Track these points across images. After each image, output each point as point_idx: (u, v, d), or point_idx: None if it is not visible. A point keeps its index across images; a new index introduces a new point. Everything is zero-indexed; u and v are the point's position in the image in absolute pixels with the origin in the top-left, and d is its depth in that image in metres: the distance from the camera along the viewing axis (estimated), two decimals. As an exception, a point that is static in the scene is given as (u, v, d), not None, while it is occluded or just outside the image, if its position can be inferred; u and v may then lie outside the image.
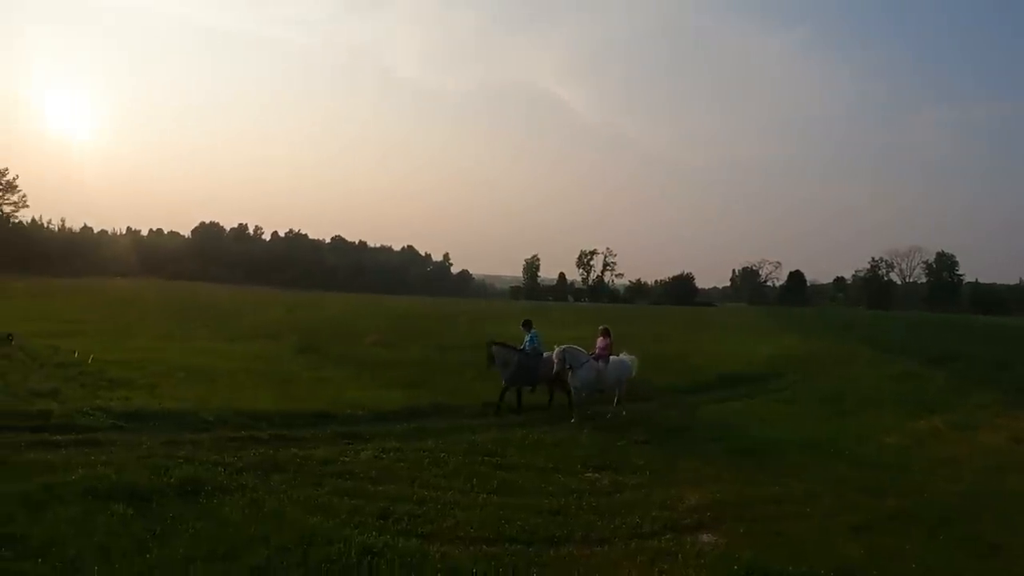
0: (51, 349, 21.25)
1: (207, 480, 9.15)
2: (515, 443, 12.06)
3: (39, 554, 6.63)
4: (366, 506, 8.47)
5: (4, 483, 8.52)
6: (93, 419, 12.51)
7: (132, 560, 6.67)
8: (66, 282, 71.29)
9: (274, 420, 13.23)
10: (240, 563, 6.63)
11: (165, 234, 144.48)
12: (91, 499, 8.17)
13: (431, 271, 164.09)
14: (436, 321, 41.41)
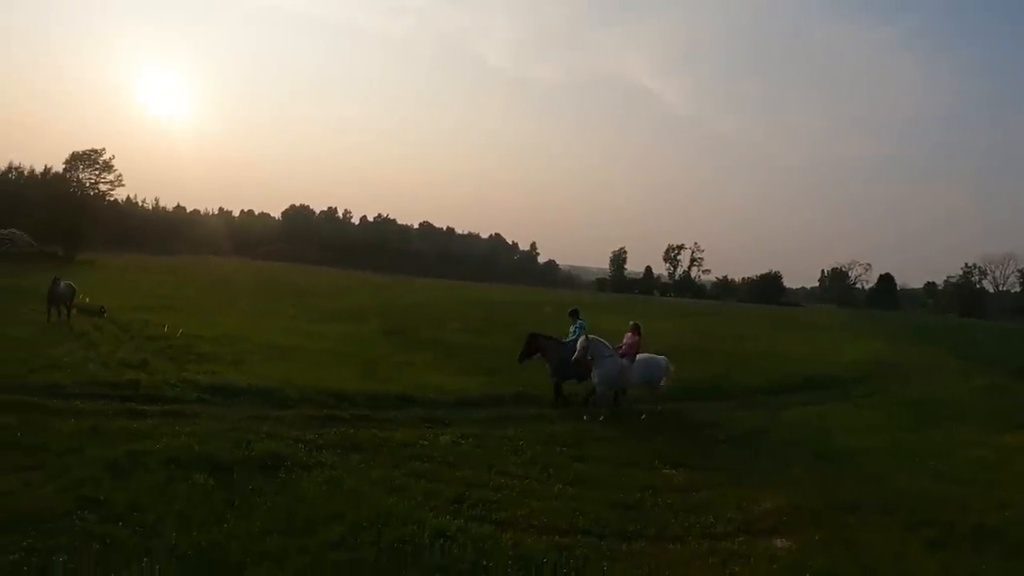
0: (142, 323, 23.82)
1: (287, 456, 9.95)
2: (593, 435, 12.78)
3: (121, 518, 7.43)
4: (442, 490, 9.10)
5: (92, 449, 9.60)
6: (180, 391, 13.92)
7: (210, 529, 7.31)
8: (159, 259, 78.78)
9: (356, 401, 14.24)
10: (316, 538, 7.26)
11: (256, 215, 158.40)
12: (174, 468, 9.07)
13: (518, 260, 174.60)
14: (521, 310, 43.53)
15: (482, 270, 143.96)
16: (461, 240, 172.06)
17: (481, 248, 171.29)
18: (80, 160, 72.38)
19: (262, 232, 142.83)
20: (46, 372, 14.36)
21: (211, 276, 57.83)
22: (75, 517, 7.31)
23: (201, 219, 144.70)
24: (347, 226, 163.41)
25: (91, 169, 72.79)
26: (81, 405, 12.19)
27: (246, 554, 6.79)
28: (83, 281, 30.06)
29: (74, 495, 7.88)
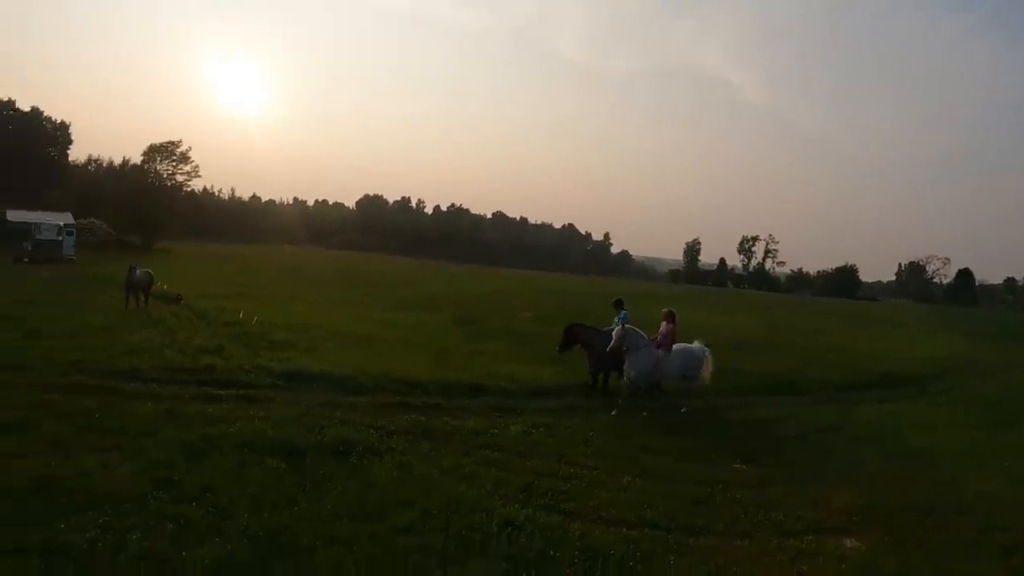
0: (218, 310, 25.04)
1: (359, 442, 10.36)
2: (664, 428, 13.10)
3: (195, 499, 7.87)
4: (511, 479, 9.46)
5: (168, 432, 10.19)
6: (254, 377, 14.65)
7: (281, 512, 7.67)
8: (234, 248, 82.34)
9: (428, 389, 14.76)
10: (385, 524, 7.59)
11: (330, 205, 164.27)
12: (247, 452, 9.56)
13: (591, 250, 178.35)
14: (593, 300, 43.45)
15: (554, 260, 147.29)
16: (534, 230, 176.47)
17: (554, 238, 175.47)
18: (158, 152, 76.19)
19: (336, 221, 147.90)
20: (124, 357, 15.31)
21: (286, 264, 60.03)
22: (150, 498, 7.76)
23: (276, 208, 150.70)
24: (420, 216, 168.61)
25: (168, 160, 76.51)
26: (158, 389, 12.94)
27: (316, 537, 7.08)
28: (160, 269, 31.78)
29: (150, 476, 8.38)
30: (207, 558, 6.44)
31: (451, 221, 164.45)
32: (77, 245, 52.09)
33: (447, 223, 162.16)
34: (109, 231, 65.00)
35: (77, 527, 6.84)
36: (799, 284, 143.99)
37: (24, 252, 46.25)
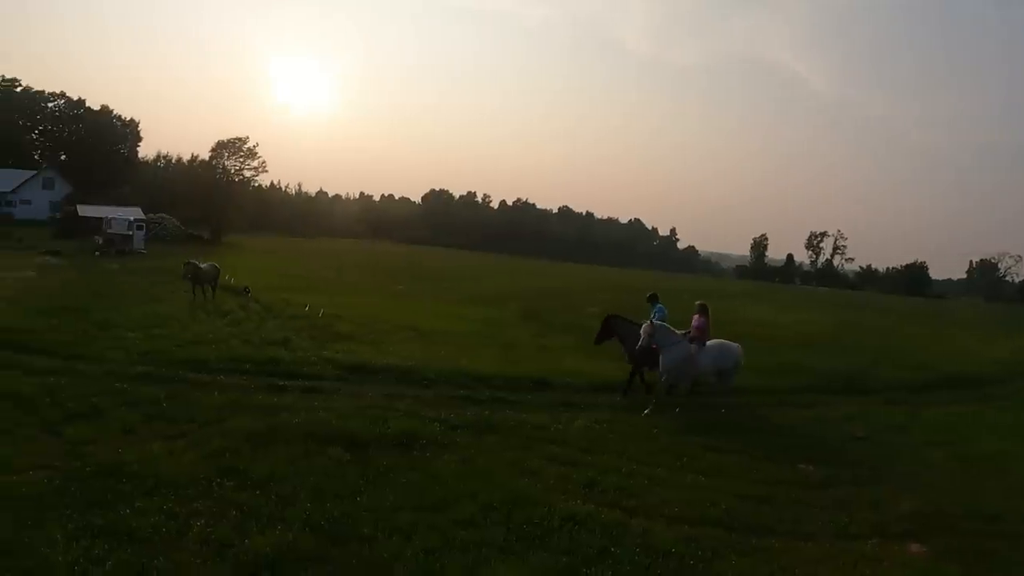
0: (284, 302, 25.69)
1: (423, 434, 10.53)
2: (728, 426, 13.10)
3: (258, 487, 8.10)
4: (573, 474, 9.55)
5: (233, 421, 10.52)
6: (319, 368, 15.04)
7: (343, 502, 7.84)
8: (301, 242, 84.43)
9: (493, 383, 14.89)
10: (446, 516, 7.73)
11: (396, 200, 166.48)
12: (311, 442, 9.79)
13: (657, 245, 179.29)
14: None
15: (621, 256, 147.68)
16: (600, 225, 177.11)
17: (620, 233, 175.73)
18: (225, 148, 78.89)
19: (402, 216, 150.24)
20: (192, 348, 15.87)
21: (352, 258, 61.22)
22: (214, 485, 8.03)
23: (342, 203, 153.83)
24: (486, 210, 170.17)
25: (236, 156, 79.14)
26: (224, 380, 13.39)
27: (377, 528, 7.24)
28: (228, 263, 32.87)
29: (215, 464, 8.66)
30: (269, 545, 6.60)
31: (517, 216, 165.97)
32: (147, 239, 54.21)
33: (513, 218, 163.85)
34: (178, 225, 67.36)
35: (142, 511, 7.10)
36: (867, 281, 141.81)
37: (95, 245, 48.36)
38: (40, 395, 11.00)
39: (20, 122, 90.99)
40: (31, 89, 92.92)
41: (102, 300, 22.93)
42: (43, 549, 6.18)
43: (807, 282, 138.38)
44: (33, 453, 8.63)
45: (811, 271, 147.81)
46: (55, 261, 38.12)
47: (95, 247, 47.90)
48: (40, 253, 40.98)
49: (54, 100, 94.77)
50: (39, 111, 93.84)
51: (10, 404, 10.52)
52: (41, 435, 9.43)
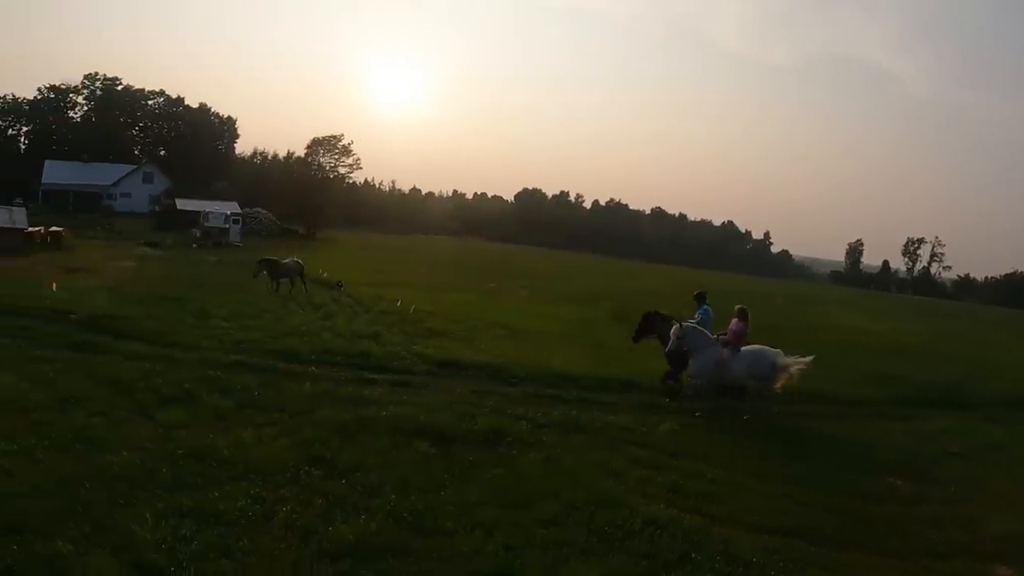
0: (376, 297, 26.42)
1: (509, 432, 10.67)
2: (818, 437, 13.05)
3: (345, 476, 8.34)
4: (657, 477, 9.61)
5: (323, 411, 10.86)
6: (409, 363, 15.41)
7: (427, 495, 7.99)
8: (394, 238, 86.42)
9: (581, 383, 14.97)
10: (528, 514, 7.83)
11: (489, 198, 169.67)
12: (398, 435, 10.03)
13: (750, 248, 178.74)
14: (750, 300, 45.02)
15: (713, 258, 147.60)
16: (693, 227, 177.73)
17: (713, 235, 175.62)
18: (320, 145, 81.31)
19: (494, 214, 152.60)
20: (285, 339, 16.49)
21: (444, 255, 62.23)
22: (302, 472, 8.31)
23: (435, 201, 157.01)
24: (579, 210, 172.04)
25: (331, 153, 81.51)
26: (316, 371, 13.83)
27: (459, 522, 7.37)
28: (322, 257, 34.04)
29: (303, 452, 8.97)
30: (352, 534, 6.77)
31: (609, 216, 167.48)
32: (243, 233, 56.55)
33: (605, 218, 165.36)
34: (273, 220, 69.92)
35: (230, 495, 7.40)
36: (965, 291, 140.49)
37: (193, 238, 50.76)
38: (136, 380, 11.61)
39: (121, 119, 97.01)
40: (132, 88, 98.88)
41: (199, 290, 24.03)
42: (133, 526, 6.49)
43: (903, 290, 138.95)
44: (128, 435, 9.10)
45: (907, 279, 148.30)
46: (154, 252, 40.15)
47: (192, 240, 50.22)
48: (139, 244, 43.29)
49: (154, 98, 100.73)
50: (139, 108, 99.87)
51: (108, 388, 11.15)
52: (136, 418, 9.93)
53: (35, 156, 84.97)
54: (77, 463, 7.96)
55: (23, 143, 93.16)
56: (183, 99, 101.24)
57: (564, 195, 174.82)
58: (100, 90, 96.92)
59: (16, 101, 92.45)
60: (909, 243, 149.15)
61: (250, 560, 6.21)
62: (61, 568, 5.74)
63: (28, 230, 36.18)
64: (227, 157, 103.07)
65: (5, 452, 7.99)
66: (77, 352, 13.55)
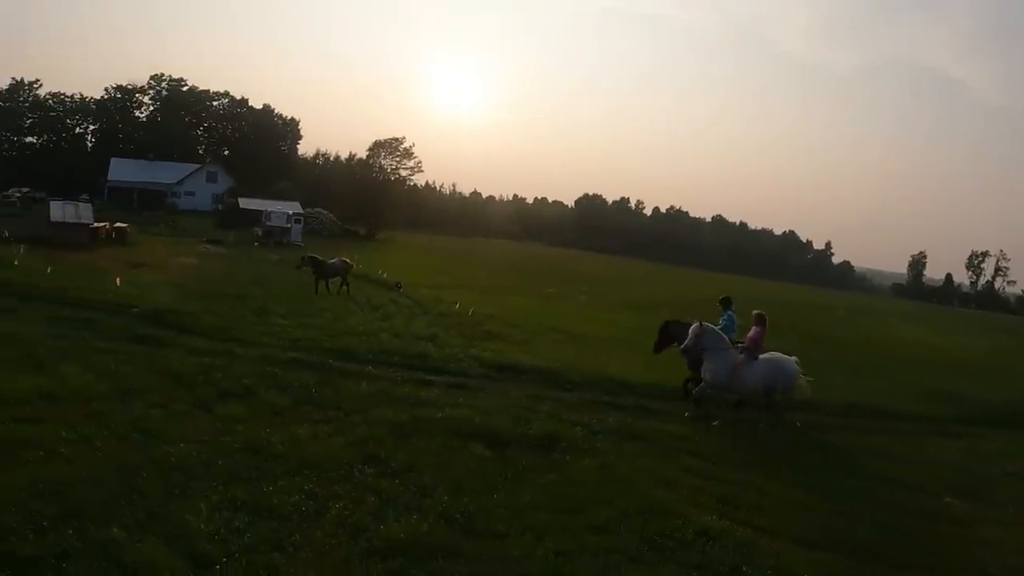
0: (435, 299, 26.67)
1: (564, 437, 10.69)
2: (874, 451, 12.91)
3: (397, 475, 8.41)
4: (710, 488, 9.59)
5: (379, 411, 10.98)
6: (466, 365, 15.51)
7: (480, 497, 8.00)
8: (454, 241, 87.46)
9: (637, 390, 15.04)
10: (581, 519, 7.83)
11: (550, 203, 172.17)
12: (453, 437, 10.09)
13: (811, 259, 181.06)
14: (810, 311, 45.96)
15: (773, 268, 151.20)
16: (753, 236, 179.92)
17: (773, 245, 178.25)
18: (382, 147, 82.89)
19: (555, 219, 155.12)
20: (344, 338, 16.72)
21: (503, 259, 62.63)
22: (356, 470, 8.40)
23: (496, 205, 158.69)
24: (639, 216, 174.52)
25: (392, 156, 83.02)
26: (372, 371, 14.00)
27: (511, 525, 7.39)
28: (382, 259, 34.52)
29: (357, 451, 9.07)
30: (403, 533, 6.81)
31: (669, 223, 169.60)
32: (304, 232, 57.68)
33: (665, 225, 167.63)
34: (334, 221, 71.29)
35: (284, 490, 7.51)
36: None
37: (254, 237, 51.95)
38: (196, 374, 11.89)
39: (186, 119, 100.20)
40: (196, 88, 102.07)
41: (259, 288, 24.65)
42: (187, 516, 6.62)
43: (966, 304, 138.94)
44: (186, 427, 9.31)
45: (970, 293, 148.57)
46: (216, 250, 41.34)
47: (254, 238, 51.43)
48: (202, 242, 44.60)
49: (218, 99, 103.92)
50: (204, 109, 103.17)
51: (168, 380, 11.45)
52: (194, 411, 10.15)
53: (101, 154, 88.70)
54: (135, 453, 8.17)
55: (90, 141, 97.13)
56: (247, 100, 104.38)
57: (624, 201, 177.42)
58: (166, 90, 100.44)
59: (84, 100, 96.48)
60: (973, 256, 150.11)
61: (301, 554, 6.28)
62: (115, 554, 5.88)
63: (93, 225, 37.34)
64: (290, 158, 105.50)
65: (66, 440, 8.24)
66: (139, 345, 13.97)
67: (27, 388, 9.97)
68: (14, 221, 38.82)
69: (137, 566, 5.73)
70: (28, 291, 18.62)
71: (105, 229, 38.19)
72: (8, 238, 29.48)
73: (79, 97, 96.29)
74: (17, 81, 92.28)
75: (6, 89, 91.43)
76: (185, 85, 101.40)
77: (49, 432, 8.43)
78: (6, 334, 13.18)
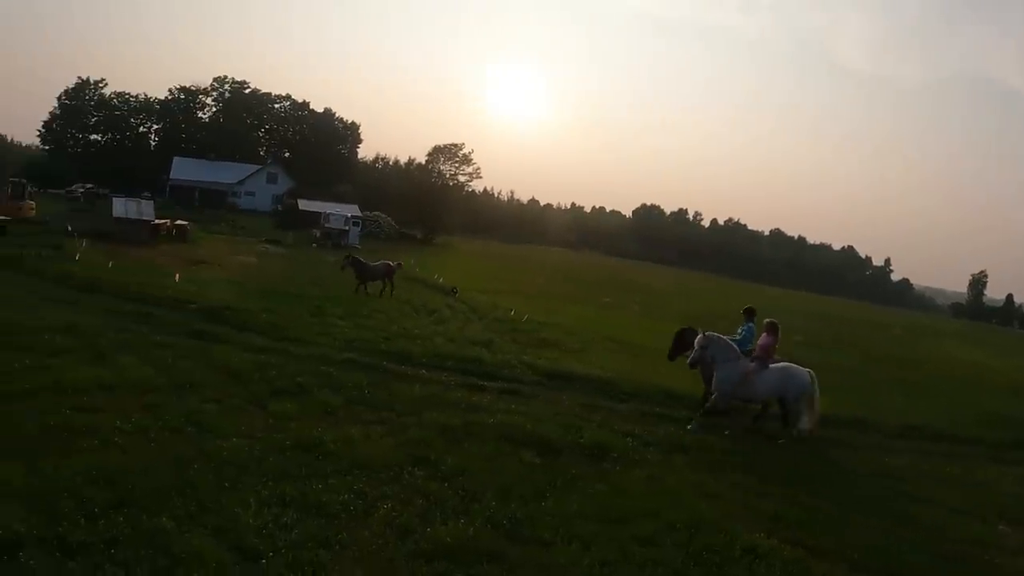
0: (490, 305, 26.78)
1: (614, 447, 10.67)
2: (929, 474, 12.63)
3: (447, 479, 8.45)
4: (760, 504, 9.50)
5: (431, 414, 11.06)
6: (519, 372, 15.55)
7: (528, 504, 8.01)
8: (511, 248, 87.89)
9: (688, 402, 14.80)
10: (627, 530, 7.80)
11: (607, 213, 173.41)
12: (504, 442, 10.14)
13: (869, 275, 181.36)
14: (868, 329, 45.84)
15: (831, 283, 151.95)
16: (812, 250, 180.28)
17: (832, 260, 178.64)
18: (441, 153, 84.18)
19: (612, 229, 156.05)
20: (398, 341, 16.89)
21: (560, 267, 62.63)
22: (405, 472, 8.47)
23: (553, 213, 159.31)
24: (696, 228, 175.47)
25: (451, 161, 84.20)
26: (426, 374, 14.11)
27: (558, 533, 7.39)
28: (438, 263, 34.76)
29: (408, 452, 9.15)
30: (450, 536, 6.82)
31: (727, 235, 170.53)
32: (362, 235, 58.43)
33: (723, 237, 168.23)
34: (392, 224, 72.19)
35: (333, 488, 7.60)
36: None
37: (313, 238, 52.83)
38: (251, 371, 12.14)
39: (248, 120, 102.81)
40: (259, 91, 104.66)
41: (316, 289, 25.05)
42: (236, 510, 6.75)
43: None
44: (239, 422, 9.48)
45: None
46: (274, 250, 42.13)
47: (312, 239, 52.30)
48: (261, 241, 45.52)
49: (280, 102, 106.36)
50: (266, 111, 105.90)
51: (223, 376, 11.71)
52: (248, 407, 10.34)
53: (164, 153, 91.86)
54: (188, 445, 8.35)
55: (153, 140, 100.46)
56: (308, 103, 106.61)
57: (682, 212, 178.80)
58: (228, 92, 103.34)
59: (148, 101, 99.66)
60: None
61: (347, 553, 6.35)
62: (163, 543, 6.01)
63: (155, 222, 38.26)
64: (349, 161, 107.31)
65: (121, 430, 8.49)
66: (196, 340, 14.30)
67: (86, 378, 10.31)
68: (78, 216, 40.08)
69: (185, 555, 5.85)
70: (90, 284, 19.25)
71: (166, 226, 39.20)
72: (72, 232, 30.35)
73: (143, 97, 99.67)
74: (83, 80, 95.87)
75: (73, 88, 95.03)
76: (247, 87, 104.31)
77: (106, 421, 8.70)
78: (68, 325, 13.60)
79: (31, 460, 7.30)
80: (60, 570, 5.57)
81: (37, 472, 7.05)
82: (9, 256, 22.34)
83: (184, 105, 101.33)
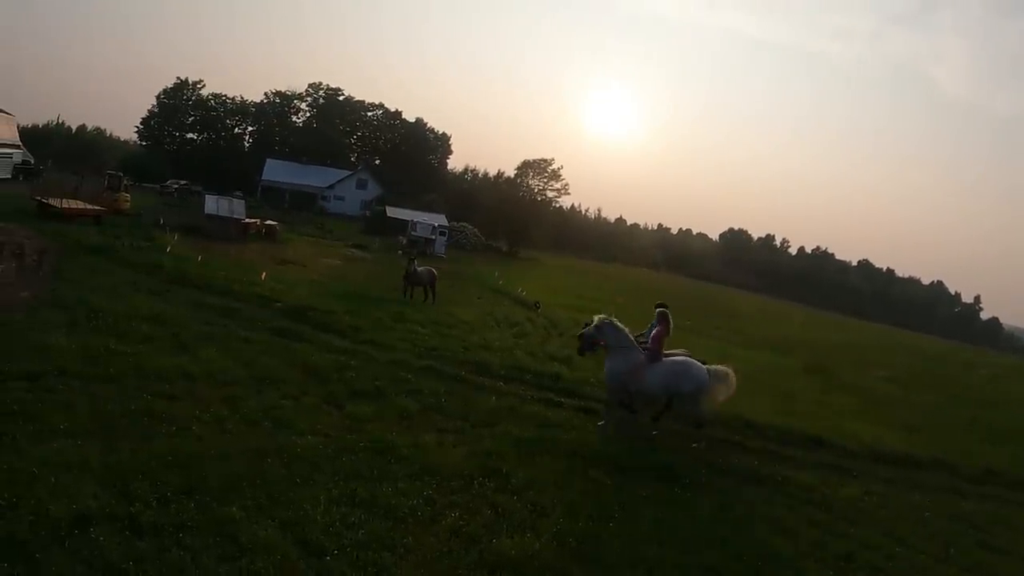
0: (572, 321, 26.43)
1: (686, 473, 10.51)
2: (1008, 522, 12.08)
3: (516, 492, 8.48)
4: (831, 543, 9.30)
5: (505, 426, 11.15)
6: (597, 390, 15.26)
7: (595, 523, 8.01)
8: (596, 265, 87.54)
9: (765, 433, 14.46)
10: (693, 558, 7.79)
11: (693, 235, 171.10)
12: (576, 459, 10.13)
13: (958, 312, 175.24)
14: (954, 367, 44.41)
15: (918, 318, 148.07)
16: (900, 283, 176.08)
17: (920, 294, 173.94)
18: (530, 167, 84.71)
19: (697, 251, 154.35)
20: (478, 352, 16.93)
21: (644, 286, 61.88)
22: (475, 482, 8.54)
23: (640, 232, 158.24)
24: (783, 255, 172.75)
25: (540, 177, 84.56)
26: (503, 386, 14.13)
27: (622, 556, 7.38)
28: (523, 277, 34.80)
29: (480, 463, 9.20)
30: (515, 549, 6.85)
31: (814, 264, 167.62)
32: (448, 245, 59.12)
33: (810, 265, 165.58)
34: (478, 236, 72.83)
35: (403, 492, 7.71)
36: None
37: (399, 245, 53.63)
38: (330, 371, 12.39)
39: (340, 127, 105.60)
40: (352, 98, 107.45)
41: (399, 295, 25.33)
42: (305, 505, 6.91)
43: None
44: (315, 420, 9.71)
45: None
46: (360, 254, 42.85)
47: (398, 247, 53.06)
48: (347, 245, 46.35)
49: (373, 110, 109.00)
50: (358, 118, 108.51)
51: (303, 374, 11.98)
52: (325, 406, 10.56)
53: (257, 154, 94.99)
54: (263, 439, 8.59)
55: (247, 141, 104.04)
56: (400, 112, 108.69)
57: (770, 238, 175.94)
58: (323, 98, 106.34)
59: (244, 103, 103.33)
60: None
61: (411, 557, 6.44)
62: (231, 532, 6.20)
63: (245, 221, 39.35)
64: (439, 171, 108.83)
65: (199, 419, 8.81)
66: (278, 338, 14.63)
67: (169, 366, 10.71)
68: (171, 211, 41.58)
69: (251, 546, 6.04)
70: (179, 277, 19.88)
71: (256, 225, 40.26)
72: (164, 226, 31.52)
73: (240, 100, 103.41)
74: (182, 80, 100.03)
75: (172, 87, 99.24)
76: (341, 94, 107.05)
77: (184, 410, 9.03)
78: (156, 315, 14.14)
79: (109, 441, 7.64)
80: (129, 549, 5.80)
81: (115, 452, 7.37)
82: (103, 245, 23.31)
83: (279, 109, 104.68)
